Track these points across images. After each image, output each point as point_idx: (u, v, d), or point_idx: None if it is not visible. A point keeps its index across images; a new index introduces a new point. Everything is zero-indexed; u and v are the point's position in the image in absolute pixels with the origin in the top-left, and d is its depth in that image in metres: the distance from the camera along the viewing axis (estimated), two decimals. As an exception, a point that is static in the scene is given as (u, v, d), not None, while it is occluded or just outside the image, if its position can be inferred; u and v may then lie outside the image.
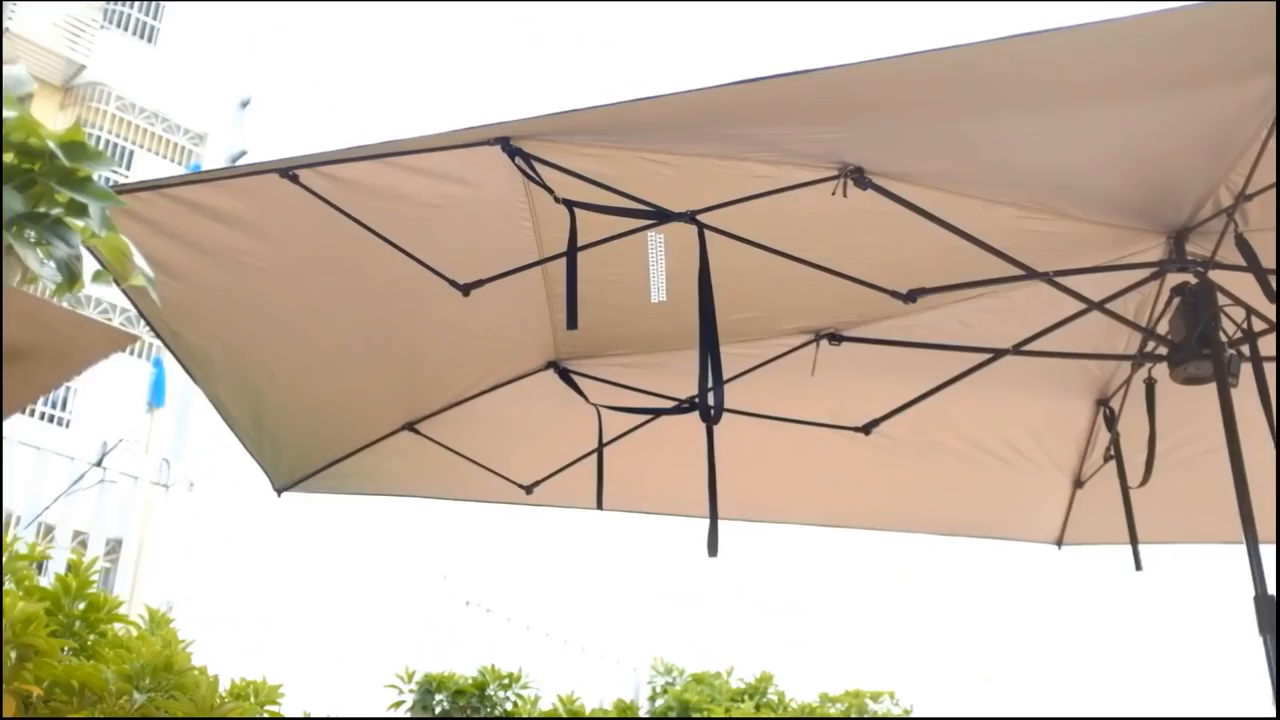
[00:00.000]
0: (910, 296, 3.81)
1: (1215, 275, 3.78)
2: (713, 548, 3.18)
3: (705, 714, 7.01)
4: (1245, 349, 3.80)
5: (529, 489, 4.73)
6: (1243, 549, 3.44)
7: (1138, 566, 4.56)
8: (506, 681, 7.06)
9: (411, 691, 7.06)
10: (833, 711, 6.90)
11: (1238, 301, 3.83)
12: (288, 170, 3.12)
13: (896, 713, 7.08)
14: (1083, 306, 3.84)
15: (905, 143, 3.32)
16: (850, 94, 3.00)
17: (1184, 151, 3.42)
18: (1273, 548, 3.50)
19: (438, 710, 6.89)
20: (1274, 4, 2.52)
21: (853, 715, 6.82)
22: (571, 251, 3.07)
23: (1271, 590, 3.39)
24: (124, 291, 2.77)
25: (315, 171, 3.16)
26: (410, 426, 4.38)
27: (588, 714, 6.95)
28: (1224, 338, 3.76)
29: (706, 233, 3.27)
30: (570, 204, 3.09)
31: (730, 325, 3.46)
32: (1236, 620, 3.45)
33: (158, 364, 13.53)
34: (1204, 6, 2.52)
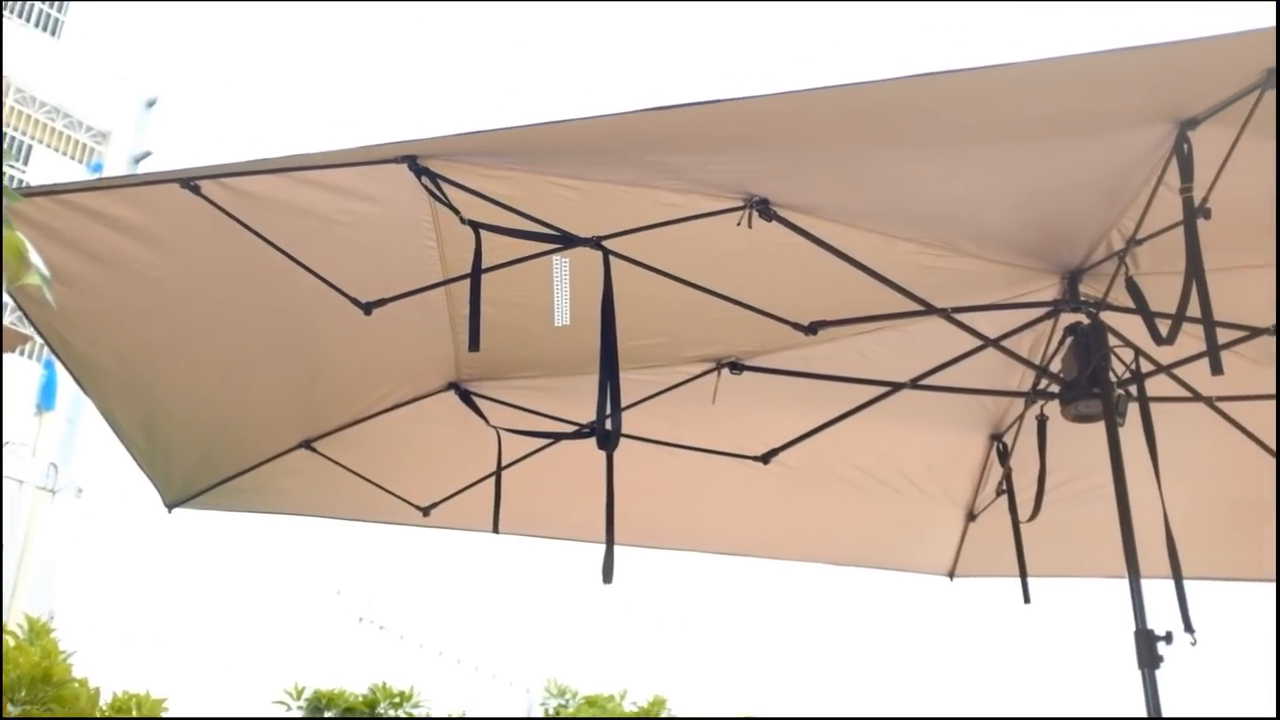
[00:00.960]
0: (811, 328, 3.85)
1: (1106, 316, 3.88)
2: (608, 574, 3.18)
3: (597, 737, 7.01)
4: (1133, 389, 3.89)
5: (426, 511, 4.69)
6: (1126, 583, 3.53)
7: (1026, 599, 4.64)
8: (398, 700, 7.00)
9: (300, 708, 6.97)
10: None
11: (1127, 343, 3.94)
12: (188, 181, 3.07)
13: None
14: (979, 343, 3.91)
15: (811, 176, 3.36)
16: (757, 126, 3.03)
17: (1080, 195, 3.50)
18: (1155, 582, 3.58)
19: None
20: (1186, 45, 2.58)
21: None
22: (475, 273, 3.06)
23: (1151, 625, 3.47)
24: (11, 295, 2.71)
25: (217, 183, 3.11)
26: (307, 444, 4.32)
27: (478, 735, 6.92)
28: (1113, 378, 3.86)
29: (611, 258, 3.28)
30: (476, 225, 3.08)
31: (633, 351, 3.47)
32: (1119, 653, 3.52)
33: (49, 366, 13.21)
34: (1104, 55, 2.58)
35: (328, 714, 6.89)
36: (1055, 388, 4.00)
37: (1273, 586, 5.27)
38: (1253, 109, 2.80)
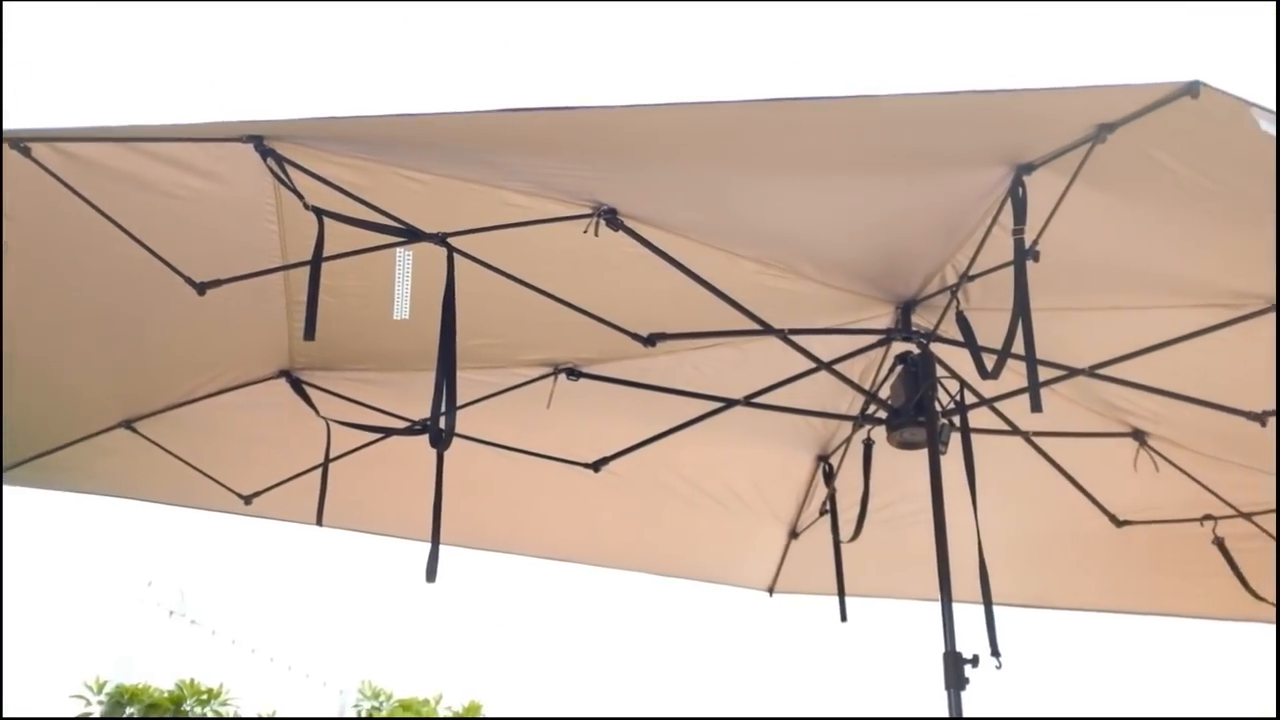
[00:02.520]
0: (650, 340, 3.89)
1: (936, 348, 4.00)
2: (431, 573, 3.15)
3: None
4: (956, 419, 4.02)
5: (248, 499, 4.59)
6: (939, 606, 3.65)
7: (843, 618, 4.75)
8: (205, 697, 6.82)
9: (100, 703, 6.72)
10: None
11: (954, 374, 4.06)
12: (18, 141, 2.94)
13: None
14: (812, 365, 3.99)
15: (660, 189, 3.39)
16: (608, 136, 3.05)
17: (918, 229, 3.60)
18: (965, 606, 3.70)
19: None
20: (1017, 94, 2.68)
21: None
22: (316, 260, 3.01)
23: (959, 648, 3.59)
24: None
25: (51, 147, 2.99)
26: (128, 424, 4.19)
27: (287, 735, 6.78)
28: (939, 407, 3.98)
29: (456, 256, 3.26)
30: (320, 212, 3.03)
31: (471, 350, 3.46)
32: (929, 675, 3.63)
33: None
34: (948, 97, 2.67)
35: (129, 710, 6.66)
36: (883, 414, 4.10)
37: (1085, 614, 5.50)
38: (1084, 160, 2.91)
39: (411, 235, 3.24)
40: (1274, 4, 2.91)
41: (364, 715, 7.64)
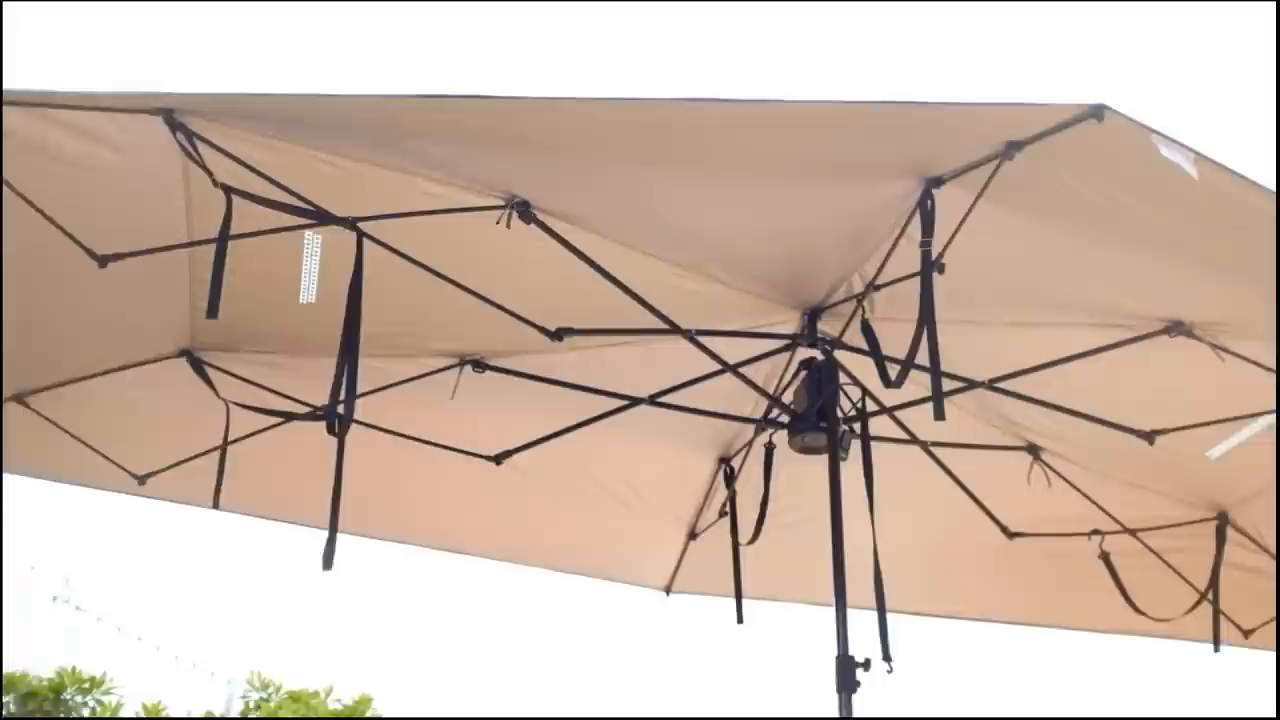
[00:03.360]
0: (558, 334, 3.89)
1: (840, 355, 4.05)
2: (328, 561, 3.12)
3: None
4: (858, 427, 4.08)
5: (142, 479, 4.50)
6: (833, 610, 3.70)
7: (739, 619, 4.79)
8: (87, 686, 6.66)
9: (-26, 691, 6.54)
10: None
11: (857, 382, 4.12)
12: (-91, 102, 2.86)
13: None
14: (718, 367, 4.02)
15: (575, 184, 3.39)
16: (525, 127, 3.04)
17: (828, 236, 3.65)
18: (860, 612, 3.76)
19: (4, 713, 6.40)
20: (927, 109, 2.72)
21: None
22: (222, 239, 2.96)
23: (852, 652, 3.64)
24: None
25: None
26: (18, 398, 4.09)
27: (171, 726, 6.65)
28: (841, 414, 4.03)
29: (365, 242, 3.23)
30: (229, 190, 2.98)
31: (376, 337, 3.43)
32: (823, 678, 3.67)
33: None
34: (861, 106, 2.70)
35: (5, 699, 6.48)
36: (785, 418, 4.15)
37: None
38: (991, 176, 2.97)
39: (321, 218, 3.21)
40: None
41: (252, 707, 7.52)
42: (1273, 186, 2.72)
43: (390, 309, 3.67)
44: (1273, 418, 4.07)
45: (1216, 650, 4.85)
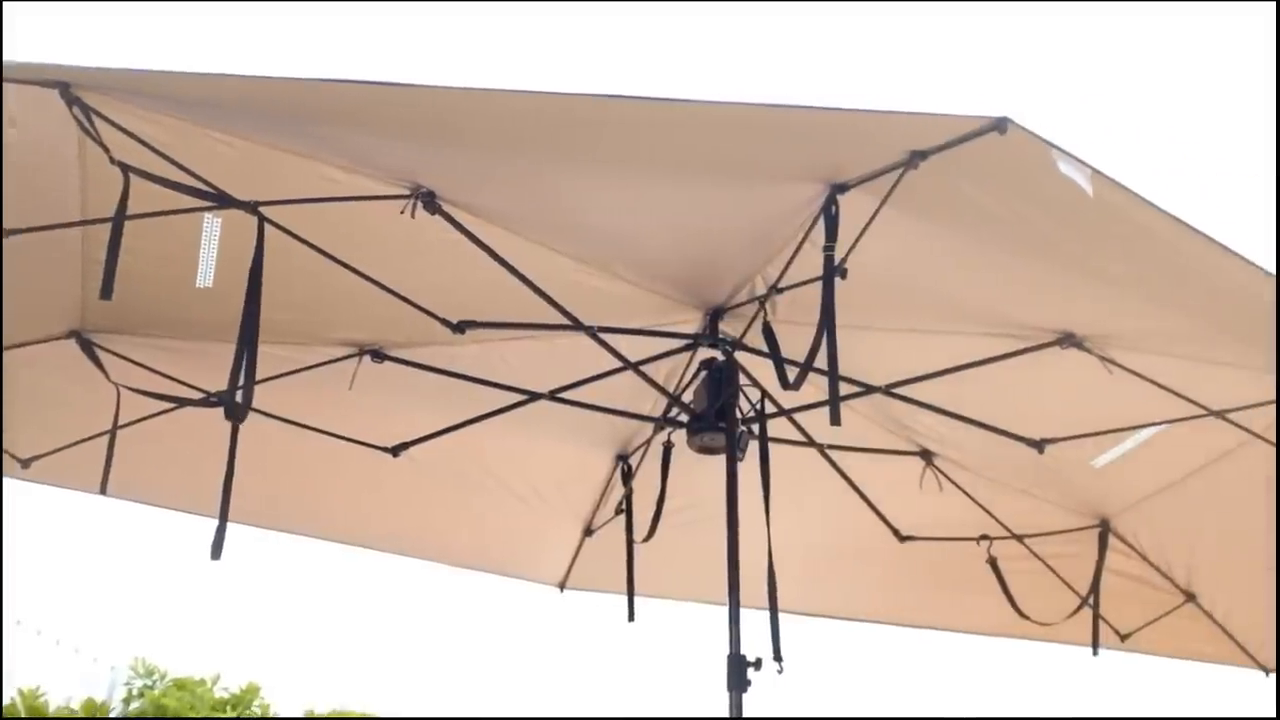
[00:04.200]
0: (460, 327, 3.86)
1: (741, 356, 4.08)
2: (217, 550, 3.06)
3: (181, 721, 6.72)
4: (756, 428, 4.11)
5: (26, 463, 4.38)
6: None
7: (631, 617, 4.80)
8: (-38, 668, 6.47)
9: None
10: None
11: (756, 384, 4.15)
12: None
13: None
14: (619, 364, 4.02)
15: (482, 176, 3.37)
16: (432, 116, 3.01)
17: (732, 238, 3.67)
18: (754, 612, 3.79)
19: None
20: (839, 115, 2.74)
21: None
22: (118, 218, 2.89)
23: (744, 651, 3.67)
24: None
25: None
26: (-102, 377, 3.96)
27: (51, 713, 6.48)
28: (739, 415, 4.06)
29: (267, 227, 3.18)
30: (126, 168, 2.91)
31: (275, 324, 3.36)
32: (714, 676, 3.70)
33: None
34: (769, 109, 2.71)
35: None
36: (684, 417, 4.16)
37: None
38: (895, 184, 3.00)
39: (221, 200, 3.14)
40: (1274, 4, 3.05)
41: (135, 693, 7.37)
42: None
43: (290, 296, 3.61)
44: (1155, 429, 4.19)
45: (1095, 654, 4.98)
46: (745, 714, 3.60)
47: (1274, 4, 3.29)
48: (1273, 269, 2.96)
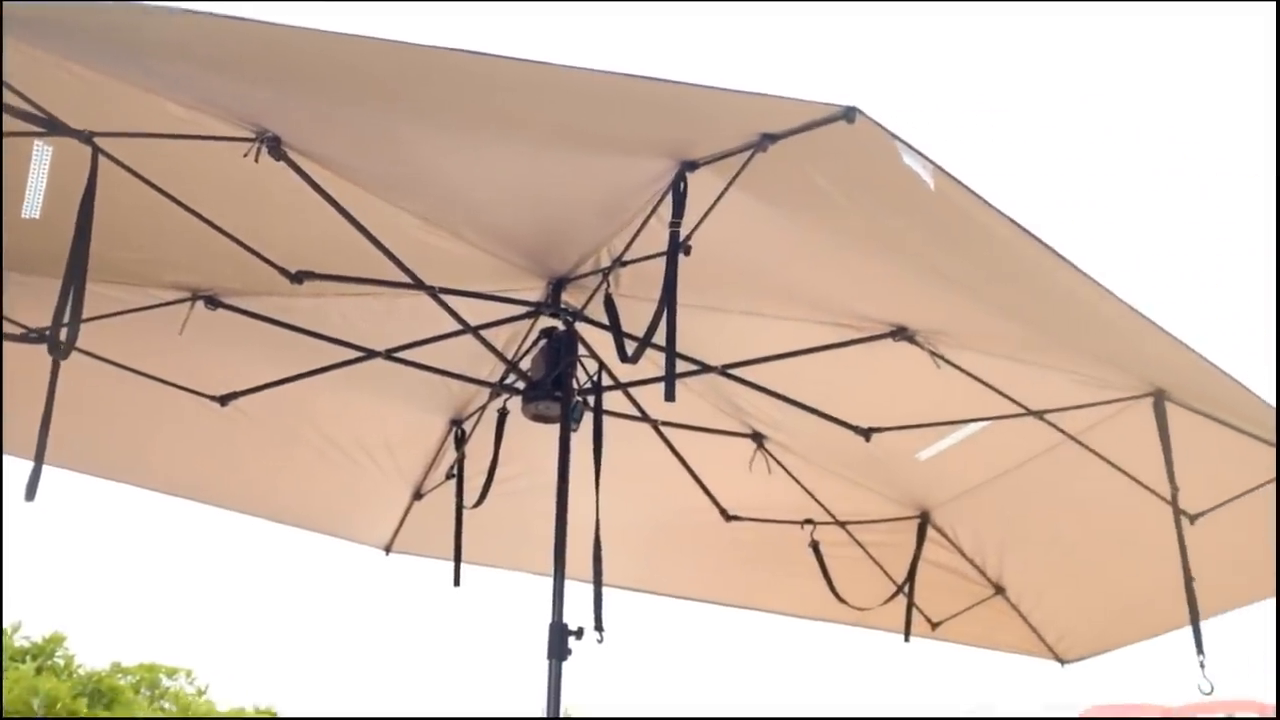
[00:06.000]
0: (298, 277, 3.78)
1: (581, 327, 4.08)
2: (31, 491, 2.95)
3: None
4: (592, 399, 4.13)
5: None
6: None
7: (456, 582, 4.78)
8: None
9: None
10: (124, 683, 6.62)
11: (594, 355, 4.17)
12: None
13: (190, 691, 6.93)
14: (459, 327, 3.99)
15: (330, 126, 3.29)
16: (280, 59, 2.93)
17: (580, 208, 3.66)
18: (581, 585, 3.81)
19: None
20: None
21: (145, 688, 6.58)
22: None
23: (568, 621, 3.70)
24: None
25: None
26: None
27: None
28: (576, 385, 4.07)
29: (102, 160, 3.06)
30: None
31: (107, 263, 3.25)
32: (537, 643, 3.71)
33: None
34: (621, 79, 2.70)
35: None
36: (521, 385, 4.16)
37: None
38: (744, 165, 3.03)
39: (52, 128, 3.02)
40: (1274, 4, 3.10)
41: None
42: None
43: (123, 234, 3.51)
44: (978, 426, 4.33)
45: (907, 640, 5.14)
46: (564, 682, 3.63)
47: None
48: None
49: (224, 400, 4.47)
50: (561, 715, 3.65)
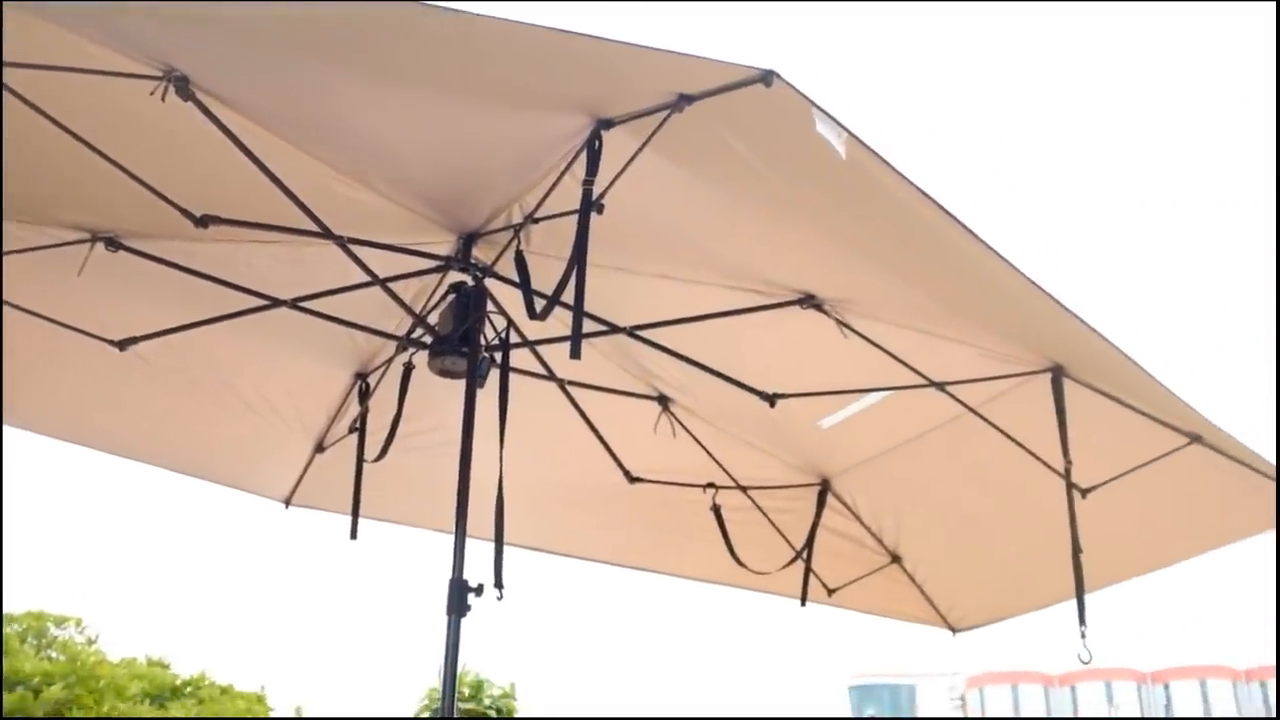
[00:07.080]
0: (203, 221, 3.70)
1: (490, 284, 4.06)
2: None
3: None
4: (499, 356, 4.11)
5: None
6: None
7: (353, 536, 4.75)
8: None
9: None
10: (10, 631, 6.50)
11: (503, 312, 4.15)
12: None
13: (80, 640, 6.81)
14: (366, 279, 3.95)
15: (241, 67, 3.23)
16: None
17: (493, 162, 3.63)
18: (482, 543, 3.80)
19: None
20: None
21: (32, 637, 6.46)
22: None
23: (466, 576, 3.69)
24: None
25: None
26: None
27: None
28: (483, 341, 4.05)
29: (4, 94, 2.97)
30: None
31: (5, 197, 3.18)
32: (437, 599, 3.71)
33: None
34: (538, 31, 2.67)
35: None
36: (428, 339, 4.13)
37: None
38: (660, 125, 3.02)
39: (-52, 57, 2.93)
40: (1274, 4, 3.12)
41: None
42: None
43: (21, 168, 3.41)
44: (879, 395, 4.39)
45: (803, 605, 5.21)
46: (462, 638, 3.63)
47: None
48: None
49: (122, 345, 4.37)
50: (459, 671, 3.65)
